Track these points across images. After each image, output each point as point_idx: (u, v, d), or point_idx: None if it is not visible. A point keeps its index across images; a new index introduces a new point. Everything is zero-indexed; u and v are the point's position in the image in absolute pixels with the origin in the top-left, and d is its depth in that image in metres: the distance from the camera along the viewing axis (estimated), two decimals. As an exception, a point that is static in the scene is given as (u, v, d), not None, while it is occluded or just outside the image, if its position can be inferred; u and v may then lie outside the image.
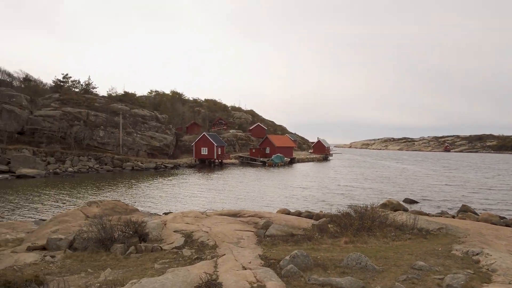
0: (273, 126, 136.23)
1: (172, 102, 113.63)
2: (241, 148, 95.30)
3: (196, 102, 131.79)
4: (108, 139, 64.46)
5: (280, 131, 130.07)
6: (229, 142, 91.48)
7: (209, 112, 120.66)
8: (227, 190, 38.98)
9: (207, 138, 73.04)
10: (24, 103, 62.08)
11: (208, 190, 38.56)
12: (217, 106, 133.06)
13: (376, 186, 44.17)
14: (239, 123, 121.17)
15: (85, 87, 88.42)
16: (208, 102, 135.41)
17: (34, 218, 23.30)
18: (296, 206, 28.59)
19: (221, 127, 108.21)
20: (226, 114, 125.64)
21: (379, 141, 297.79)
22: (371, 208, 14.09)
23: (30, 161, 49.62)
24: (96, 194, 34.17)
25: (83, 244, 11.35)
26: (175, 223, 14.15)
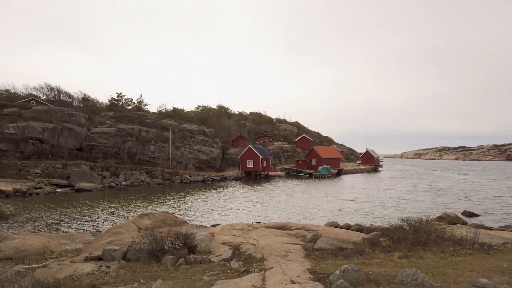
0: (319, 138, 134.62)
1: (219, 116, 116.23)
2: (287, 160, 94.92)
3: (242, 115, 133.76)
4: (159, 154, 67.00)
5: (326, 142, 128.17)
6: (275, 154, 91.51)
7: (254, 125, 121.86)
8: (273, 202, 38.83)
9: (253, 151, 73.59)
10: (82, 121, 66.44)
11: (254, 203, 38.64)
12: (262, 119, 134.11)
13: (431, 198, 41.92)
14: (284, 135, 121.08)
15: (137, 104, 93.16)
16: (253, 115, 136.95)
17: (91, 229, 24.58)
18: (344, 219, 27.80)
19: (266, 139, 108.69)
20: (271, 127, 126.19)
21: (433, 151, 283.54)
22: (426, 221, 13.32)
23: (87, 175, 52.73)
24: (147, 207, 35.45)
25: (135, 255, 11.74)
26: (222, 235, 14.26)
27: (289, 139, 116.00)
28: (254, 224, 18.16)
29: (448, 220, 23.11)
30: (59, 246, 15.45)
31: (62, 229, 25.28)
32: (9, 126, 56.17)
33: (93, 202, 38.58)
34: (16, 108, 61.69)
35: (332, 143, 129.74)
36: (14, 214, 30.88)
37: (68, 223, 27.76)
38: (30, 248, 14.43)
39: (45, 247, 14.79)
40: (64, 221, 28.49)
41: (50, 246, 15.14)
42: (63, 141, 59.21)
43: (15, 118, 58.77)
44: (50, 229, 25.45)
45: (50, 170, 53.42)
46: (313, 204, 37.06)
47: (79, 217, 30.16)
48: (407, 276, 8.00)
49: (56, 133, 58.82)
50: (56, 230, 24.78)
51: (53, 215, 30.68)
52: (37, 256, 13.32)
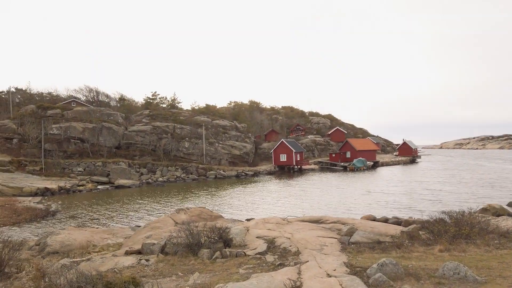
0: (353, 130, 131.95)
1: (250, 111, 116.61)
2: (320, 153, 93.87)
3: (274, 109, 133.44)
4: (193, 150, 68.26)
5: (361, 134, 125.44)
6: (308, 148, 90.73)
7: (286, 119, 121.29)
8: (307, 196, 38.56)
9: (286, 145, 73.32)
10: (120, 120, 68.84)
11: (288, 196, 38.55)
12: (294, 113, 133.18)
13: (473, 189, 40.10)
14: (317, 128, 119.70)
15: (171, 102, 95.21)
16: (285, 109, 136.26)
17: (130, 224, 25.47)
18: (381, 212, 27.15)
19: (299, 133, 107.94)
20: (303, 120, 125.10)
21: (475, 140, 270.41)
22: (468, 213, 12.76)
23: (126, 172, 54.62)
24: (183, 202, 36.25)
25: (173, 248, 12.03)
26: (257, 229, 14.31)
27: (322, 132, 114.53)
28: (288, 218, 18.11)
29: (493, 212, 22.01)
30: (101, 240, 16.11)
31: (103, 224, 26.37)
32: (52, 127, 59.15)
33: (132, 198, 39.93)
34: (58, 110, 64.85)
35: (367, 135, 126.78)
36: (59, 210, 32.56)
37: (109, 218, 28.91)
38: (75, 242, 15.14)
39: (88, 242, 15.48)
40: (105, 216, 29.70)
41: (93, 241, 15.82)
42: (102, 140, 61.62)
43: (58, 119, 61.82)
44: (92, 224, 26.62)
45: (91, 168, 55.81)
46: (348, 197, 36.47)
47: (119, 212, 31.33)
48: (449, 270, 7.68)
49: (95, 132, 61.31)
50: (98, 225, 25.89)
51: (95, 211, 32.06)
52: (81, 250, 13.96)
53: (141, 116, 75.64)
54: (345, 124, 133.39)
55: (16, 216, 28.37)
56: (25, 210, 30.50)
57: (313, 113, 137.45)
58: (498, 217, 16.37)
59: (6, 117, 63.01)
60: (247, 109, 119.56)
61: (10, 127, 58.30)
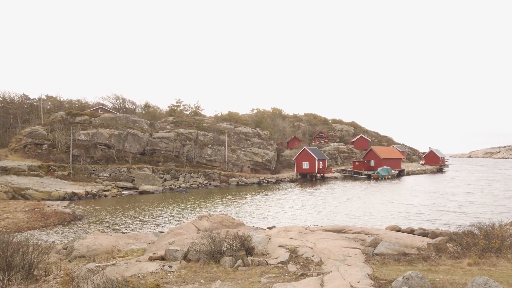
0: (378, 137, 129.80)
1: (273, 118, 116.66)
2: (344, 161, 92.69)
3: (296, 117, 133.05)
4: (215, 157, 68.81)
5: (386, 142, 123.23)
6: (331, 156, 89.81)
7: (309, 126, 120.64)
8: (330, 204, 38.10)
9: (308, 152, 72.85)
10: (145, 127, 70.26)
11: (310, 205, 38.19)
12: (317, 120, 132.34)
13: (504, 201, 38.60)
14: (340, 135, 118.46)
15: (195, 109, 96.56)
16: (307, 116, 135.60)
17: (154, 230, 25.83)
18: (406, 223, 26.49)
19: (321, 140, 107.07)
20: (326, 127, 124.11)
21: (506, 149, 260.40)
22: (499, 225, 12.29)
23: (150, 178, 55.58)
24: (205, 208, 36.51)
25: (196, 255, 12.12)
26: (279, 237, 14.26)
27: (346, 139, 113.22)
28: (310, 227, 17.94)
29: (525, 224, 21.08)
30: (126, 245, 16.42)
31: (128, 229, 26.87)
32: (80, 133, 61.04)
33: (156, 204, 40.53)
34: (86, 117, 66.88)
35: (392, 143, 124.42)
36: (86, 215, 33.41)
37: (133, 223, 29.43)
38: (100, 247, 15.49)
39: (113, 246, 15.80)
40: (129, 221, 30.26)
41: (118, 246, 16.14)
42: (128, 146, 63.03)
43: (86, 126, 63.73)
44: (117, 229, 27.16)
45: (116, 173, 57.10)
46: (372, 207, 35.79)
47: (143, 218, 31.85)
48: (478, 285, 7.42)
49: (121, 138, 62.81)
50: (122, 230, 26.39)
51: (120, 216, 32.71)
52: (106, 255, 14.26)
53: (165, 123, 77.01)
54: (369, 132, 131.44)
55: (45, 220, 29.29)
56: (53, 214, 31.45)
57: (336, 120, 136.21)
58: (531, 230, 15.66)
59: (37, 124, 65.54)
60: (269, 116, 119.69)
61: (41, 133, 60.52)
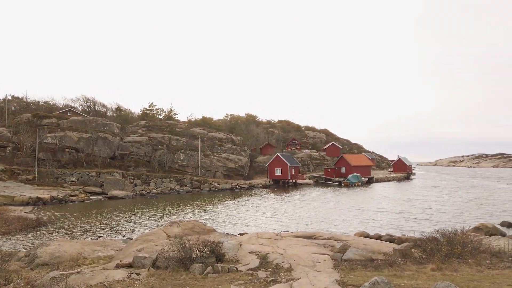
0: (349, 145, 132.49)
1: (247, 124, 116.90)
2: (315, 168, 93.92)
3: (270, 123, 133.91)
4: (188, 162, 68.08)
5: (356, 150, 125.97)
6: (303, 162, 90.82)
7: (282, 133, 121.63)
8: (301, 211, 38.44)
9: (281, 159, 73.35)
10: (115, 130, 68.71)
11: (282, 211, 38.40)
12: (291, 127, 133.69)
13: (467, 208, 40.22)
14: (312, 142, 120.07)
15: (168, 114, 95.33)
16: (281, 122, 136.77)
17: (122, 236, 25.20)
18: (374, 229, 27.10)
19: (294, 147, 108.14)
20: (299, 134, 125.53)
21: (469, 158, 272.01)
22: (461, 232, 12.80)
23: (120, 183, 54.28)
24: (176, 215, 35.98)
25: (165, 263, 11.92)
26: (250, 244, 14.24)
27: (318, 146, 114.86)
28: (282, 233, 18.03)
29: (485, 231, 22.07)
30: (92, 252, 15.93)
31: (95, 236, 26.08)
32: (47, 136, 58.91)
33: (125, 209, 39.58)
34: (54, 119, 64.70)
35: (362, 151, 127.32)
36: (51, 221, 32.18)
37: (101, 230, 28.60)
38: (65, 254, 14.95)
39: (79, 254, 15.28)
40: (97, 228, 29.38)
41: (84, 253, 15.63)
42: (97, 150, 61.36)
43: (53, 128, 61.61)
44: (84, 235, 26.31)
45: (84, 178, 55.42)
46: (342, 213, 36.40)
47: (111, 224, 31.02)
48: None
49: (90, 142, 61.09)
50: (89, 237, 25.60)
51: (87, 222, 31.72)
52: (71, 262, 13.78)
53: (137, 127, 75.59)
54: (340, 139, 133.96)
55: (7, 226, 27.94)
56: (16, 219, 30.07)
57: (309, 128, 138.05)
58: (491, 236, 16.40)
59: (1, 125, 62.71)
60: (243, 122, 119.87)
61: (5, 135, 57.98)
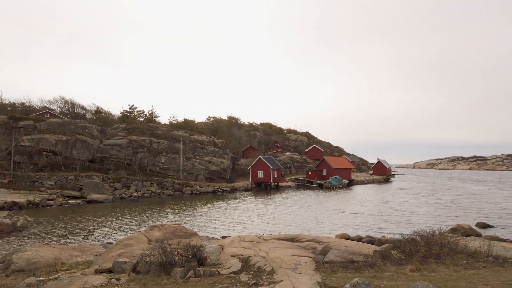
0: (330, 148, 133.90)
1: (229, 127, 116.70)
2: (297, 170, 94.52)
3: (252, 126, 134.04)
4: (169, 165, 67.42)
5: (337, 153, 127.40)
6: (285, 165, 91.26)
7: (264, 136, 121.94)
8: (283, 213, 38.59)
9: (263, 162, 73.53)
10: (95, 133, 67.44)
11: (264, 214, 38.46)
12: (273, 129, 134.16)
13: (444, 209, 41.21)
14: (294, 145, 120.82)
15: (149, 116, 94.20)
16: (263, 125, 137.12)
17: (101, 241, 24.72)
18: (355, 231, 27.46)
19: (276, 150, 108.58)
20: (281, 137, 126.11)
21: (446, 161, 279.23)
22: (439, 233, 13.10)
23: (99, 187, 53.26)
24: (158, 218, 35.56)
25: (145, 267, 11.75)
26: (232, 247, 14.20)
27: (300, 149, 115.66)
28: (264, 236, 18.05)
29: (462, 232, 22.67)
30: (70, 258, 15.56)
31: (73, 241, 25.50)
32: (23, 138, 57.31)
33: (104, 213, 38.86)
34: (30, 121, 62.98)
35: (343, 153, 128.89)
36: (27, 225, 31.27)
37: (80, 234, 27.99)
38: (42, 260, 14.56)
39: (56, 259, 14.91)
40: (75, 232, 28.74)
41: (62, 258, 15.26)
42: (76, 153, 60.08)
43: (30, 131, 59.96)
44: (62, 240, 25.69)
45: (63, 181, 54.16)
46: (324, 216, 36.73)
47: (90, 228, 30.39)
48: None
49: (69, 145, 59.77)
50: (67, 242, 25.01)
51: (65, 227, 30.99)
52: (49, 268, 13.42)
53: (117, 130, 74.39)
54: (322, 142, 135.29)
55: (-20, 231, 27.03)
56: (-10, 225, 29.12)
57: (291, 131, 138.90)
58: (467, 237, 16.86)
59: (-25, 127, 60.67)
60: (225, 125, 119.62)
61: (-22, 138, 56.11)
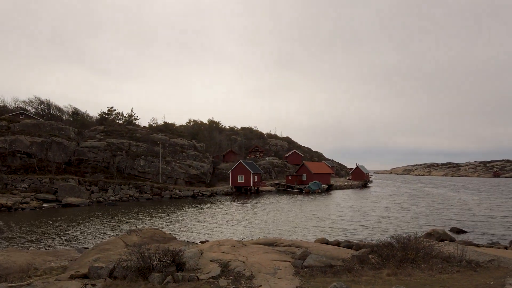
0: (310, 153, 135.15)
1: (210, 131, 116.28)
2: (278, 175, 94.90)
3: (233, 130, 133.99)
4: (148, 168, 66.49)
5: (317, 158, 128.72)
6: (265, 170, 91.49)
7: (245, 140, 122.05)
8: (263, 218, 38.64)
9: (244, 166, 73.50)
10: (72, 135, 65.91)
11: (244, 218, 38.40)
12: (253, 134, 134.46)
13: (420, 214, 42.18)
14: (275, 150, 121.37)
15: (128, 118, 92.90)
16: (244, 130, 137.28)
17: (77, 246, 24.12)
18: (334, 235, 27.76)
19: (257, 154, 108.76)
20: (262, 142, 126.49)
21: (422, 167, 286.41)
22: (414, 238, 13.39)
23: (75, 190, 51.96)
24: (135, 223, 34.98)
25: (122, 272, 11.54)
26: (211, 252, 14.12)
27: (280, 154, 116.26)
28: (243, 240, 18.02)
29: (437, 236, 23.26)
30: (44, 263, 15.13)
31: (47, 246, 24.78)
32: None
33: (80, 217, 37.95)
34: (4, 122, 61.04)
35: (322, 159, 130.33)
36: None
37: (54, 239, 27.22)
38: (14, 265, 14.10)
39: (29, 264, 14.47)
40: (49, 237, 27.93)
41: (35, 263, 14.82)
42: (52, 155, 58.50)
43: (3, 132, 58.09)
44: (35, 245, 24.93)
45: (37, 184, 52.57)
46: (303, 220, 36.97)
47: (65, 233, 29.61)
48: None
49: (44, 147, 58.16)
50: (41, 247, 24.29)
51: (39, 231, 30.08)
52: (21, 274, 13.01)
53: (95, 132, 72.94)
54: (302, 147, 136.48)
55: None
56: (-42, 229, 27.97)
57: (271, 135, 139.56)
58: (441, 242, 17.30)
59: None
60: (206, 129, 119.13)
61: None
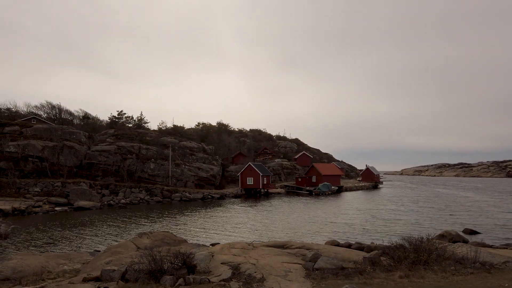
0: (319, 155, 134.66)
1: (219, 133, 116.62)
2: (287, 177, 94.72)
3: (242, 132, 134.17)
4: (158, 171, 66.93)
5: (326, 159, 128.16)
6: (275, 172, 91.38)
7: (254, 142, 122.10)
8: (273, 220, 38.57)
9: (253, 168, 73.51)
10: (82, 139, 66.69)
11: (254, 220, 38.38)
12: (262, 136, 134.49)
13: (432, 216, 41.68)
14: (284, 152, 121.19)
15: (138, 122, 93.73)
16: (253, 132, 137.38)
17: (89, 249, 24.37)
18: (345, 237, 27.59)
19: (266, 156, 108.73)
20: (271, 144, 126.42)
21: (433, 167, 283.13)
22: (427, 239, 13.23)
23: (86, 194, 52.53)
24: (146, 225, 35.20)
25: (134, 275, 11.61)
26: (222, 254, 14.14)
27: (289, 156, 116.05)
28: (254, 242, 18.01)
29: (449, 238, 22.95)
30: (57, 266, 15.31)
31: (60, 249, 25.07)
32: (9, 144, 56.33)
33: (92, 221, 38.32)
34: (17, 127, 62.04)
35: (332, 160, 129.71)
36: (12, 233, 30.63)
37: (66, 242, 27.53)
38: (28, 268, 14.29)
39: (43, 268, 14.65)
40: (62, 240, 28.26)
41: (48, 266, 15.00)
42: (63, 159, 59.25)
43: (16, 137, 59.02)
44: (48, 248, 25.23)
45: (49, 188, 53.28)
46: (314, 222, 36.81)
47: (78, 236, 29.93)
48: (408, 297, 7.91)
49: (56, 151, 58.94)
50: (54, 250, 24.58)
51: (51, 235, 30.45)
52: (35, 277, 13.19)
53: (106, 136, 73.73)
54: (311, 149, 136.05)
55: (-37, 239, 26.39)
56: (-26, 232, 28.43)
57: (280, 137, 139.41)
58: (454, 243, 17.07)
59: (-42, 133, 59.43)
60: (215, 131, 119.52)
61: (-38, 143, 54.97)
